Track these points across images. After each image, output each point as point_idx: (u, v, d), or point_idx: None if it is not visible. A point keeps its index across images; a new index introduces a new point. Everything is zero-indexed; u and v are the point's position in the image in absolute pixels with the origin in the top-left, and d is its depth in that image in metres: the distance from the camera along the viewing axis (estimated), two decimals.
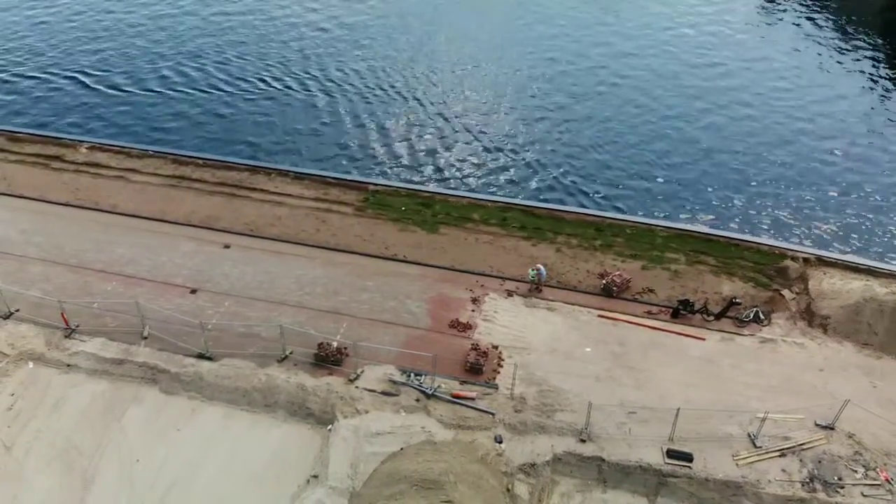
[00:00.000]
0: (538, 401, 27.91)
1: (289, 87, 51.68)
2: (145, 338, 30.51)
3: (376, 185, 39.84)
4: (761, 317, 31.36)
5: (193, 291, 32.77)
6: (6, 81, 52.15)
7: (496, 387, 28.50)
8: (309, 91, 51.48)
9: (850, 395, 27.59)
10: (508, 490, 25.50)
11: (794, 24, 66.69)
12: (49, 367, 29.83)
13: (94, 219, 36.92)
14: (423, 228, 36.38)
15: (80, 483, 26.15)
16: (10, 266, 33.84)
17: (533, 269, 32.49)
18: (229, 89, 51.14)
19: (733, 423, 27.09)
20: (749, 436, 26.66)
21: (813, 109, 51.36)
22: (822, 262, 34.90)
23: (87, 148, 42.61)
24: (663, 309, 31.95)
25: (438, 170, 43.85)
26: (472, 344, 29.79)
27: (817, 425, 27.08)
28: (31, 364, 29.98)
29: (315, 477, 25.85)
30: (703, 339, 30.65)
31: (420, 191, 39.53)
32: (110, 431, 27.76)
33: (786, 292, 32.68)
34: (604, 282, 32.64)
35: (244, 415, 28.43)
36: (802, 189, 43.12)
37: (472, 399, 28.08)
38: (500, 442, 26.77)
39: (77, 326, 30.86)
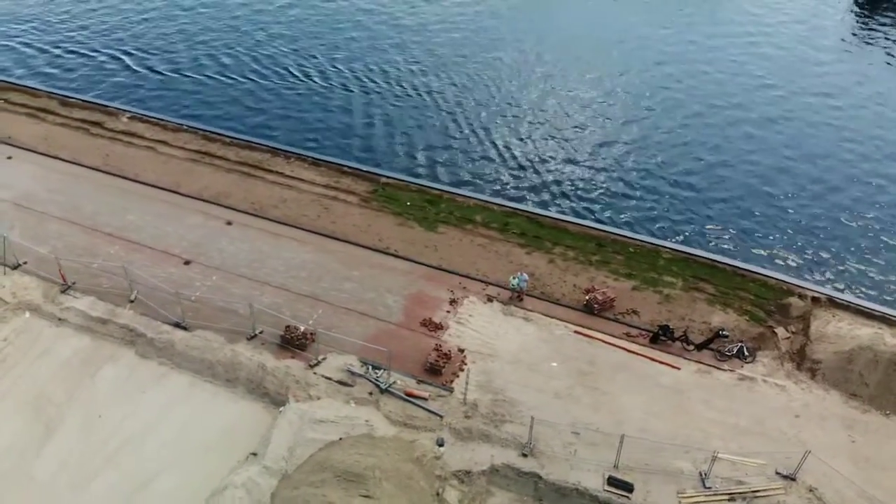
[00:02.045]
0: (490, 409, 27.48)
1: (346, 82, 52.30)
2: (132, 301, 31.88)
3: (388, 177, 40.06)
4: (746, 353, 29.72)
5: (187, 263, 33.96)
6: (85, 54, 55.30)
7: (451, 390, 28.24)
8: (365, 86, 52.17)
9: (823, 447, 25.98)
10: (438, 494, 25.27)
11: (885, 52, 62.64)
12: (43, 319, 31.62)
13: (116, 185, 38.79)
14: (422, 225, 36.35)
15: (43, 430, 27.57)
16: (30, 221, 36.04)
17: (514, 277, 31.94)
18: (297, 81, 52.16)
19: (687, 459, 25.84)
20: (700, 474, 25.38)
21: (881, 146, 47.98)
22: (834, 303, 32.76)
23: (127, 118, 44.80)
24: (644, 332, 30.78)
25: (481, 176, 43.33)
26: (436, 345, 29.61)
27: (778, 474, 25.48)
28: (27, 314, 31.86)
29: (254, 454, 26.31)
30: (678, 369, 29.35)
31: (429, 187, 39.48)
32: (82, 386, 29.13)
33: (779, 330, 30.85)
34: (587, 298, 31.73)
35: (207, 386, 29.29)
36: (836, 227, 40.49)
37: (425, 399, 27.95)
38: (441, 445, 26.54)
39: (73, 284, 32.58)
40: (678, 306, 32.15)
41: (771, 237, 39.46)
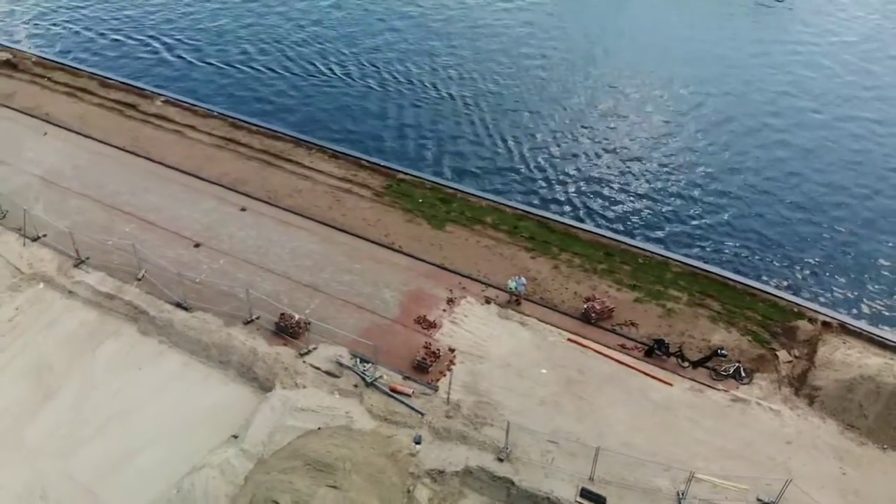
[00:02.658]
0: (472, 411, 27.32)
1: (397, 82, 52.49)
2: (139, 279, 32.77)
3: (405, 173, 40.18)
4: (742, 374, 28.83)
5: (197, 245, 34.71)
6: (133, 41, 57.12)
7: (436, 388, 28.19)
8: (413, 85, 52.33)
9: (811, 477, 25.14)
10: (409, 491, 25.27)
11: None
12: (55, 291, 32.77)
13: (140, 166, 39.89)
14: (431, 223, 36.34)
15: (40, 397, 28.62)
16: (54, 196, 37.37)
17: (512, 280, 31.69)
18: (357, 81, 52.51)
19: (666, 478, 25.20)
20: (678, 494, 24.76)
21: None
22: (846, 329, 31.54)
23: (161, 101, 46.02)
24: (639, 345, 30.15)
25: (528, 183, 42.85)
26: (426, 342, 29.59)
27: (759, 501, 24.68)
28: (41, 285, 33.06)
29: (235, 437, 26.78)
30: (670, 385, 28.64)
31: (444, 186, 39.41)
32: (83, 357, 30.10)
33: (781, 353, 29.81)
34: (585, 306, 31.25)
35: (200, 366, 29.91)
36: (862, 254, 38.91)
37: (408, 396, 27.97)
38: (419, 443, 26.52)
39: (87, 259, 33.66)
40: (679, 321, 31.39)
41: (791, 258, 38.09)
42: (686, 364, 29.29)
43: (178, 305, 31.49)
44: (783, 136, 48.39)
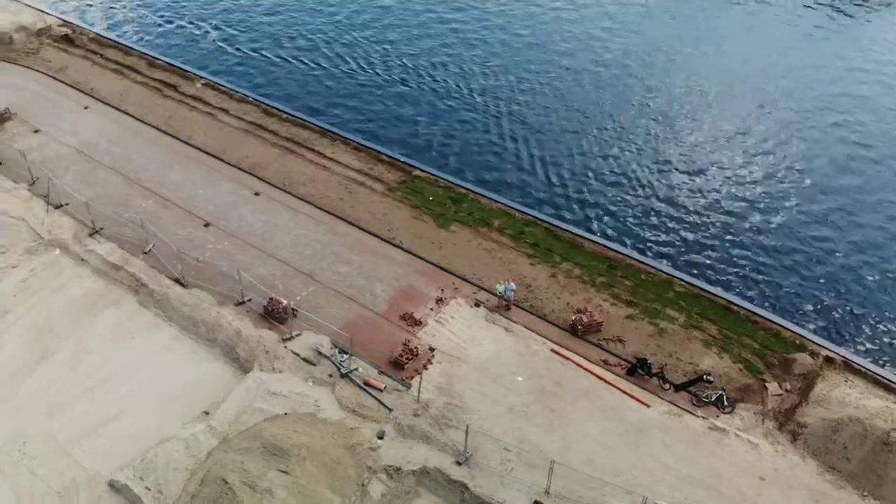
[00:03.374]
0: (440, 412, 27.23)
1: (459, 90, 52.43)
2: (146, 253, 33.95)
3: (422, 170, 40.28)
4: (725, 402, 27.76)
5: (207, 225, 35.73)
6: (190, 27, 59.16)
7: (409, 386, 28.23)
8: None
9: None
10: (363, 485, 25.39)
11: None
12: (69, 258, 34.25)
13: (168, 144, 41.31)
14: (437, 221, 36.34)
15: (37, 357, 29.90)
16: (84, 167, 39.12)
17: (501, 284, 31.39)
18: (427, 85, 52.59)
19: (625, 500, 24.48)
20: None
21: None
22: (849, 366, 29.99)
23: (201, 84, 47.51)
24: (623, 363, 29.41)
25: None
26: (405, 339, 29.63)
27: None
28: (58, 251, 34.60)
29: (207, 413, 27.49)
30: (648, 406, 27.84)
31: (457, 185, 39.29)
32: (83, 323, 31.34)
33: (771, 385, 28.55)
34: (573, 318, 30.68)
35: (189, 342, 30.76)
36: (883, 292, 36.89)
37: (380, 390, 28.10)
38: (381, 438, 26.62)
39: (101, 229, 35.10)
40: (669, 342, 30.45)
41: (803, 288, 36.43)
42: (667, 386, 28.42)
43: (177, 281, 32.50)
44: (819, 167, 46.31)
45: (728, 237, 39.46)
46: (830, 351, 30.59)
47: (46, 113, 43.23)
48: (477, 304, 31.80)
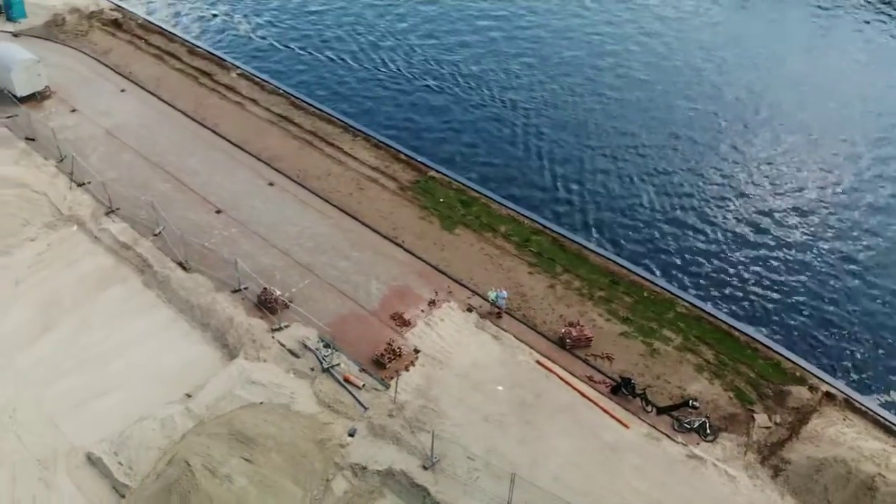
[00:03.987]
0: (414, 415, 27.17)
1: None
2: (155, 235, 34.86)
3: (437, 171, 40.22)
4: (707, 430, 26.84)
5: (218, 212, 36.48)
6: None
7: (388, 386, 28.25)
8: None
9: None
10: (328, 480, 25.53)
11: None
12: (85, 234, 35.48)
13: (194, 131, 42.34)
14: (442, 223, 36.22)
15: (40, 328, 31.03)
16: (111, 147, 40.47)
17: (493, 291, 31.09)
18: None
19: None
20: None
21: None
22: (850, 404, 28.63)
23: (236, 73, 48.51)
24: (608, 380, 28.76)
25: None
26: (389, 339, 29.65)
27: None
28: (75, 227, 35.89)
29: (189, 395, 28.09)
30: (627, 427, 27.15)
31: (470, 188, 39.04)
32: (88, 299, 32.38)
33: (760, 417, 27.47)
34: (562, 331, 30.17)
35: (184, 325, 31.47)
36: None
37: (358, 388, 28.22)
38: (352, 435, 26.74)
39: (117, 209, 36.23)
40: (660, 363, 29.62)
41: (816, 322, 34.66)
42: (650, 408, 27.67)
43: (180, 265, 33.30)
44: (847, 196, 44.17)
45: (743, 263, 37.82)
46: (832, 386, 29.28)
47: (84, 93, 44.87)
48: (469, 310, 31.58)
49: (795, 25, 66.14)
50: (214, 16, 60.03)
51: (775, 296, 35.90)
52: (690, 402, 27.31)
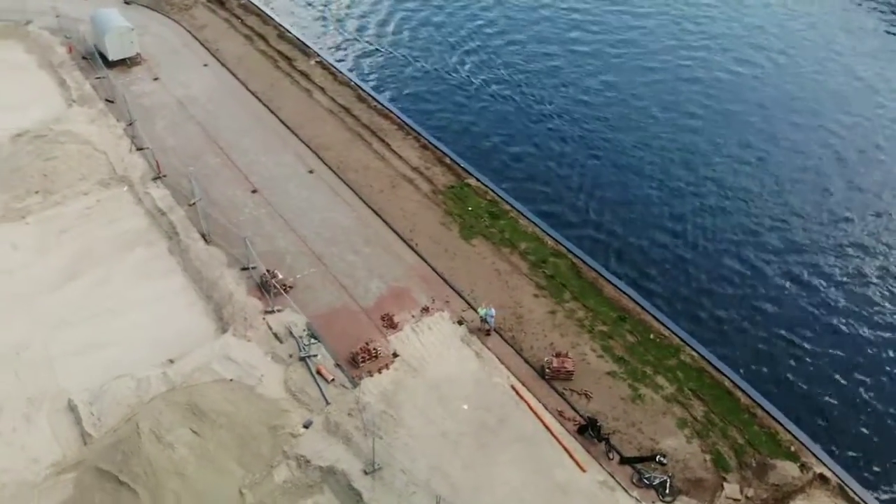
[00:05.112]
0: (372, 418, 27.05)
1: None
2: (191, 205, 36.59)
3: (477, 179, 39.74)
4: (667, 490, 25.04)
5: (254, 191, 37.85)
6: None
7: (357, 385, 28.33)
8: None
9: None
10: (272, 466, 25.95)
11: None
12: (132, 195, 37.89)
13: (256, 112, 44.09)
14: (461, 232, 35.76)
15: (67, 276, 33.40)
16: (178, 117, 42.93)
17: (483, 308, 30.38)
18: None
19: None
20: None
21: None
22: (844, 492, 25.84)
23: (315, 61, 49.98)
24: (579, 419, 27.42)
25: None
26: (367, 340, 29.66)
27: None
28: (126, 188, 38.38)
29: (171, 361, 29.37)
30: (584, 471, 25.81)
31: (503, 200, 38.29)
32: (117, 256, 34.54)
33: (730, 487, 25.26)
34: (545, 359, 29.06)
35: (192, 294, 32.95)
36: None
37: (327, 382, 28.48)
38: (307, 427, 27.06)
39: (164, 176, 38.37)
40: (640, 411, 27.89)
41: (841, 402, 31.43)
42: (612, 456, 26.17)
43: (203, 237, 34.82)
44: None
45: (773, 321, 34.61)
46: (828, 469, 26.54)
47: (170, 64, 47.77)
48: (459, 322, 31.08)
49: None
50: (309, 4, 61.77)
51: (799, 363, 32.71)
52: (658, 456, 25.62)
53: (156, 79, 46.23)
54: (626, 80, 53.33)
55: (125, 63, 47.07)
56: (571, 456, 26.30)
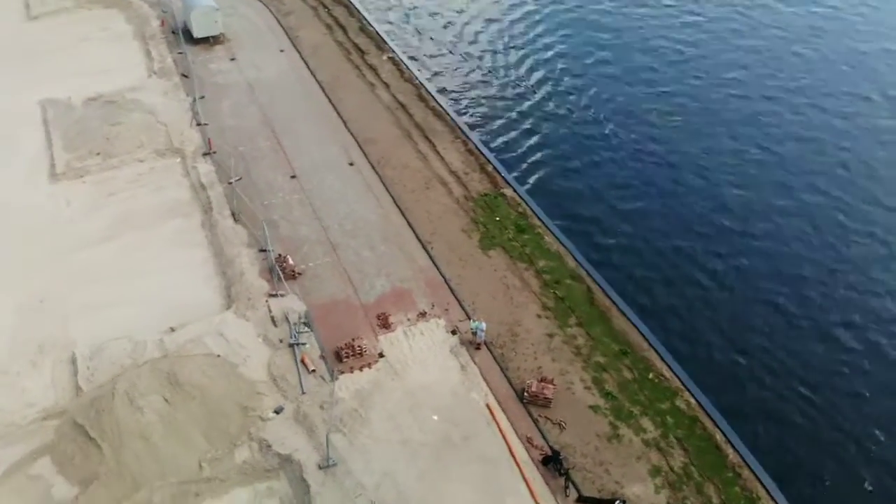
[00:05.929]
0: (340, 415, 27.32)
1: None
2: (229, 183, 38.02)
3: (514, 190, 39.06)
4: None
5: (293, 177, 38.89)
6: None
7: (337, 379, 28.61)
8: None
9: None
10: (235, 445, 26.64)
11: None
12: (182, 168, 39.82)
13: (317, 100, 45.33)
14: (480, 241, 35.26)
15: (103, 236, 35.45)
16: (243, 98, 44.83)
17: (474, 321, 29.84)
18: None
19: None
20: None
21: None
22: None
23: (387, 56, 50.61)
24: (547, 449, 26.45)
25: None
26: (353, 337, 29.80)
27: None
28: (179, 159, 40.39)
29: (173, 329, 30.69)
30: None
31: (534, 214, 37.36)
32: (154, 224, 36.39)
33: None
34: (526, 383, 28.23)
35: (210, 268, 34.27)
36: None
37: (308, 372, 28.92)
38: (278, 413, 27.58)
39: (214, 153, 40.09)
40: (612, 451, 26.57)
41: (847, 479, 28.44)
42: (569, 493, 25.12)
43: (232, 215, 36.13)
44: None
45: (793, 380, 31.68)
46: None
47: (249, 46, 49.82)
48: (453, 332, 30.72)
49: None
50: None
51: (806, 426, 29.84)
52: (618, 501, 24.40)
53: (233, 59, 48.33)
54: (706, 109, 50.14)
55: (208, 41, 49.47)
56: (528, 486, 25.48)
